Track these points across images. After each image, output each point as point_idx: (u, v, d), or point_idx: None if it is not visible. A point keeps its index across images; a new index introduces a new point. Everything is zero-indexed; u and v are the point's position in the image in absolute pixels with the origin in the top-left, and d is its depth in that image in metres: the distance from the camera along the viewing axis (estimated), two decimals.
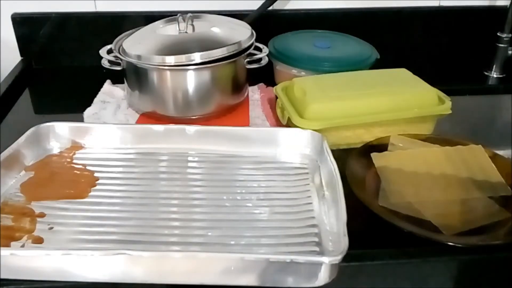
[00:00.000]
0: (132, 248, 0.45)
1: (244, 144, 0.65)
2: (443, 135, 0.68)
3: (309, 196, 0.58)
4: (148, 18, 0.85)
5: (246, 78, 0.78)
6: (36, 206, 0.55)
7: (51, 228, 0.52)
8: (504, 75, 0.94)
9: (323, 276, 0.45)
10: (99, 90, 0.82)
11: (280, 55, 0.82)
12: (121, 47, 0.75)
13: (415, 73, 0.75)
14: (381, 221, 0.52)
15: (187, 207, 0.56)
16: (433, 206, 0.56)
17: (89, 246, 0.50)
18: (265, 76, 0.85)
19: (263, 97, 0.82)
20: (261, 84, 0.86)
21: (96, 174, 0.61)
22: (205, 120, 0.73)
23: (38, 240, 0.50)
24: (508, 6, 0.89)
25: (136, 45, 0.74)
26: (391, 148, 0.65)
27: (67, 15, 0.91)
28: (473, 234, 0.52)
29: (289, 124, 0.68)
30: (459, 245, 0.50)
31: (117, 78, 0.79)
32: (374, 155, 0.63)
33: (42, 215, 0.54)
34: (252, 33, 0.77)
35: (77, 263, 0.45)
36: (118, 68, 0.74)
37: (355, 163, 0.61)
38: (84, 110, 0.75)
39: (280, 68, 0.83)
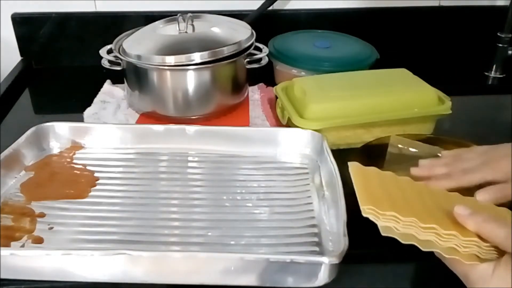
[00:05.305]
0: (132, 248, 0.45)
1: (244, 144, 0.65)
2: (443, 135, 0.68)
3: (309, 196, 0.58)
4: (148, 18, 0.85)
5: (246, 78, 0.78)
6: (36, 206, 0.55)
7: (51, 228, 0.52)
8: (504, 75, 0.94)
9: (323, 276, 0.45)
10: (99, 90, 0.82)
11: (280, 55, 0.82)
12: (121, 47, 0.75)
13: (415, 73, 0.75)
14: None
15: (187, 207, 0.56)
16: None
17: (89, 246, 0.50)
18: (265, 76, 0.85)
19: (263, 97, 0.81)
20: (261, 84, 0.86)
21: (96, 174, 0.61)
22: (205, 120, 0.73)
23: (38, 240, 0.50)
24: (508, 6, 0.89)
25: (136, 45, 0.74)
26: (391, 148, 0.65)
27: (67, 15, 0.91)
28: None
29: (289, 124, 0.68)
30: None
31: (117, 78, 0.79)
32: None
33: (42, 215, 0.54)
34: (252, 33, 0.77)
35: (77, 263, 0.45)
36: (118, 68, 0.74)
37: None
38: (84, 110, 0.75)
39: (280, 68, 0.83)
